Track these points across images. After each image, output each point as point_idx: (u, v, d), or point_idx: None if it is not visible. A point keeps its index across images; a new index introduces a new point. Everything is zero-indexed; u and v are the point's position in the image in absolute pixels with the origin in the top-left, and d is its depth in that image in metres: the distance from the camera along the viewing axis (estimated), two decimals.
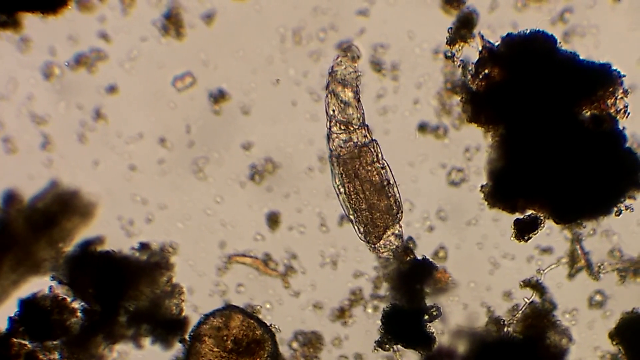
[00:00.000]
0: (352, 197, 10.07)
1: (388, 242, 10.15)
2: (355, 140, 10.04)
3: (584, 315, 10.32)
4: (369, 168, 10.05)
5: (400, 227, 10.18)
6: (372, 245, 10.16)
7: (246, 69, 10.21)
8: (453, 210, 10.27)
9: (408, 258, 10.20)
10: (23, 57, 10.17)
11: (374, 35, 10.17)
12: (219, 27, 10.19)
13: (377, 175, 10.06)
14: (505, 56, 9.69)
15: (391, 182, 10.10)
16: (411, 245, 10.23)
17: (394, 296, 10.26)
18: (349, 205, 10.11)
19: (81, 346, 10.01)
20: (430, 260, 10.21)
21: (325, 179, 10.22)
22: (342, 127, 10.01)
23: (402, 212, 10.14)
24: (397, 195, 10.11)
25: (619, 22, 10.08)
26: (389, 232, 10.13)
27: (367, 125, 10.07)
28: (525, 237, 10.02)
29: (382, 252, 10.19)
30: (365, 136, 10.06)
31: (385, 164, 10.08)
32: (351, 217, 10.13)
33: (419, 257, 10.22)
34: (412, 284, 10.18)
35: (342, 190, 10.08)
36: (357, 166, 10.01)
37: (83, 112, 10.23)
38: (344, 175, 10.06)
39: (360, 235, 10.17)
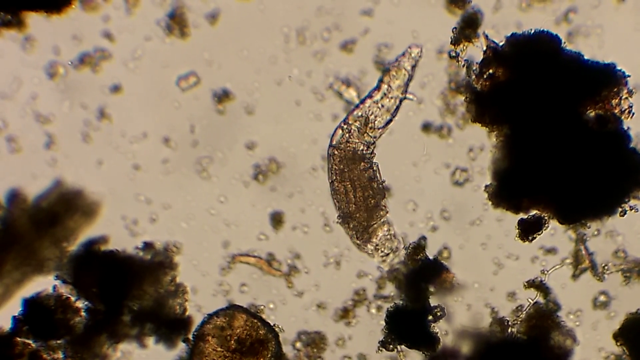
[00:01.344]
0: (342, 195, 10.09)
1: (380, 245, 10.16)
2: (357, 147, 10.05)
3: (588, 316, 10.31)
4: (361, 174, 10.08)
5: (390, 228, 10.17)
6: (363, 249, 10.19)
7: (250, 68, 10.22)
8: (457, 210, 10.27)
9: (419, 257, 10.18)
10: (27, 57, 10.19)
11: (378, 35, 10.18)
12: (223, 27, 10.20)
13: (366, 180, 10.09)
14: (510, 56, 9.68)
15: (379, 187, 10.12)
16: (423, 244, 10.22)
17: (399, 295, 10.25)
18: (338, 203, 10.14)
19: (85, 345, 10.02)
20: (441, 261, 10.20)
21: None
22: (360, 122, 10.02)
23: (381, 211, 10.14)
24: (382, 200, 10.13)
25: (623, 22, 10.07)
26: (378, 235, 10.13)
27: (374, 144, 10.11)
28: (530, 238, 10.00)
29: (375, 256, 10.20)
30: (366, 151, 10.08)
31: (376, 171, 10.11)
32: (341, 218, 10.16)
33: (430, 257, 10.22)
34: (420, 283, 10.17)
35: (334, 186, 10.10)
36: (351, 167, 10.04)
37: (87, 112, 10.25)
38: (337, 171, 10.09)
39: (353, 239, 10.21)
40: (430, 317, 10.19)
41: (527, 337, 10.18)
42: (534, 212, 9.88)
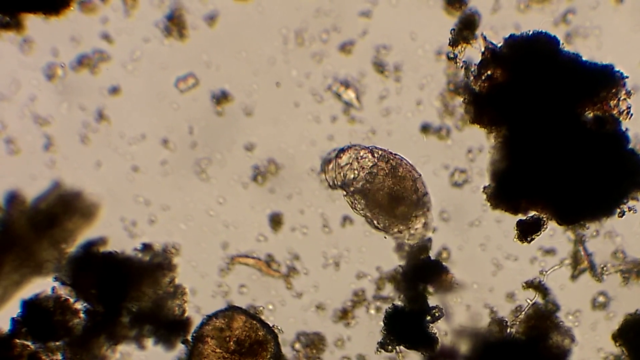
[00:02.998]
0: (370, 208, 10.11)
1: (414, 231, 10.13)
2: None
3: (587, 317, 10.31)
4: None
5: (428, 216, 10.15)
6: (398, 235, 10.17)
7: (248, 70, 10.22)
8: (456, 211, 10.27)
9: (422, 257, 10.19)
10: (25, 58, 10.18)
11: (376, 37, 10.18)
12: (222, 28, 10.20)
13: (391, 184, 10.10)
14: (508, 57, 9.69)
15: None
16: (428, 245, 10.22)
17: (398, 295, 10.25)
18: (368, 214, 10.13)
19: (84, 347, 10.01)
20: (443, 262, 10.20)
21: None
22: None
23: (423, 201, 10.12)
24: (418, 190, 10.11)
25: (621, 23, 10.08)
26: (416, 222, 10.10)
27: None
28: (528, 238, 10.01)
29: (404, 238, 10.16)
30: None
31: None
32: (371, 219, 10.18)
33: (432, 258, 10.23)
34: (419, 283, 10.17)
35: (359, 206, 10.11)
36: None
37: (86, 113, 10.24)
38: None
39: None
40: (428, 318, 10.19)
41: (525, 338, 10.19)
42: (532, 213, 9.89)
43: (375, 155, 10.03)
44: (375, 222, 10.07)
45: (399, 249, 10.24)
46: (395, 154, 10.09)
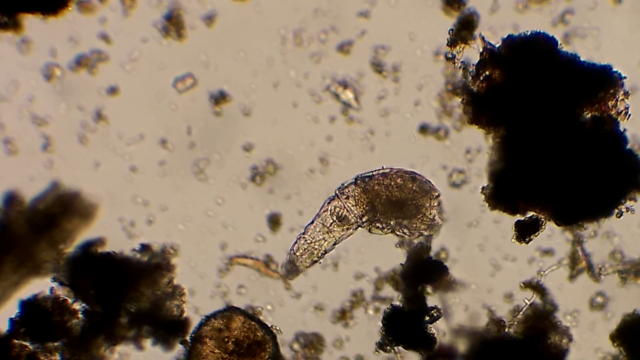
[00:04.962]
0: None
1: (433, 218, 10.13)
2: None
3: (585, 317, 10.33)
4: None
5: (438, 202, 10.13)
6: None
7: (247, 70, 10.22)
8: (454, 211, 10.28)
9: (424, 256, 10.19)
10: (24, 59, 10.18)
11: (374, 37, 10.19)
12: (220, 29, 10.20)
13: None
14: (506, 58, 9.69)
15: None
16: (428, 245, 10.21)
17: (397, 296, 10.26)
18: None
19: (82, 347, 10.00)
20: (444, 263, 10.20)
21: (326, 181, 10.23)
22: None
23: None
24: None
25: (620, 24, 10.10)
26: (430, 209, 10.08)
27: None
28: (527, 239, 10.01)
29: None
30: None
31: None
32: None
33: (432, 258, 10.23)
34: (419, 283, 10.17)
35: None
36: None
37: (84, 114, 10.24)
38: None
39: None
40: (427, 318, 10.19)
41: (524, 338, 10.20)
42: (531, 213, 9.89)
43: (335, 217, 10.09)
44: (401, 230, 10.06)
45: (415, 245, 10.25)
46: (363, 177, 10.08)
